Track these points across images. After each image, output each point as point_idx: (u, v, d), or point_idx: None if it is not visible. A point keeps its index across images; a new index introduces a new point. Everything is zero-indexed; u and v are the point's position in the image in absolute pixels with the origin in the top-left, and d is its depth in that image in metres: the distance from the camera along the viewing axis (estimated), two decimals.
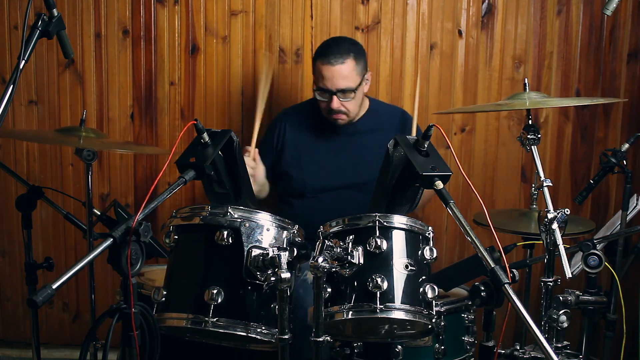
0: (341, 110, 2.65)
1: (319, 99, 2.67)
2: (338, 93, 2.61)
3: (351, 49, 2.64)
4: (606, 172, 2.48)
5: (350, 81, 2.61)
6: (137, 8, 3.16)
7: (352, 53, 2.63)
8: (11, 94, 1.54)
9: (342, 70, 2.60)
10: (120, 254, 1.49)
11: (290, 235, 1.87)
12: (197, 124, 1.82)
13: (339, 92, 2.61)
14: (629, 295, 2.65)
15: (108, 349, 1.52)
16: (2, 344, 3.42)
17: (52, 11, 1.62)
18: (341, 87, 2.60)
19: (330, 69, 2.60)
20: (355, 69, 2.62)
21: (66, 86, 3.22)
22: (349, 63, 2.61)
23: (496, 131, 3.19)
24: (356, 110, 2.71)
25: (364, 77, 2.69)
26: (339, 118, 2.69)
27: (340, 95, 2.62)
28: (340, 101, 2.63)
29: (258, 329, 1.81)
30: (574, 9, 3.11)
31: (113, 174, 3.28)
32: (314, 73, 2.70)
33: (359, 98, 2.69)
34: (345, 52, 2.61)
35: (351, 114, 2.69)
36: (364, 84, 2.71)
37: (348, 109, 2.66)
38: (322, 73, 2.61)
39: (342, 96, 2.62)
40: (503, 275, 1.56)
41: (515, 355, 1.98)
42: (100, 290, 3.09)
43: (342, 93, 2.62)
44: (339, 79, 2.60)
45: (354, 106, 2.68)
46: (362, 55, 2.68)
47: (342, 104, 2.64)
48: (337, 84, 2.60)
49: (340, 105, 2.64)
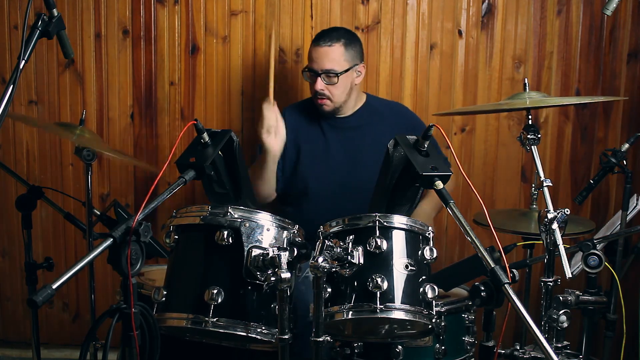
0: (324, 93, 2.68)
1: (307, 80, 2.73)
2: (322, 75, 2.65)
3: (343, 36, 2.68)
4: (606, 172, 2.48)
5: (335, 64, 2.64)
6: (137, 8, 3.16)
7: (343, 39, 2.67)
8: (11, 94, 1.54)
9: (328, 52, 2.64)
10: (120, 254, 1.49)
11: (290, 235, 1.87)
12: (197, 124, 1.82)
13: (324, 73, 2.65)
14: (629, 295, 2.65)
15: (108, 349, 1.52)
16: (2, 344, 3.42)
17: (52, 11, 1.63)
18: (326, 68, 2.64)
19: (317, 49, 2.66)
20: (343, 54, 2.65)
21: (66, 86, 3.22)
22: (337, 47, 2.65)
23: (496, 131, 3.19)
24: (341, 97, 2.71)
25: (355, 67, 2.70)
26: (323, 103, 2.71)
27: (324, 77, 2.65)
28: (325, 85, 2.66)
29: (258, 329, 1.81)
30: (574, 9, 3.11)
31: (113, 174, 3.28)
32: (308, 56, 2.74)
33: (345, 85, 2.69)
34: (336, 37, 2.67)
35: (335, 100, 2.70)
36: (354, 74, 2.71)
37: (332, 93, 2.68)
38: (311, 54, 2.68)
39: (327, 79, 2.65)
40: (503, 275, 1.56)
41: (515, 355, 1.98)
42: (100, 290, 3.10)
43: (326, 76, 2.65)
44: (324, 60, 2.64)
45: (338, 92, 2.69)
46: (354, 45, 2.70)
47: (326, 87, 2.66)
48: (321, 64, 2.64)
49: (324, 88, 2.66)
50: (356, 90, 2.78)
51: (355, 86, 2.75)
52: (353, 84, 2.73)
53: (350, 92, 2.73)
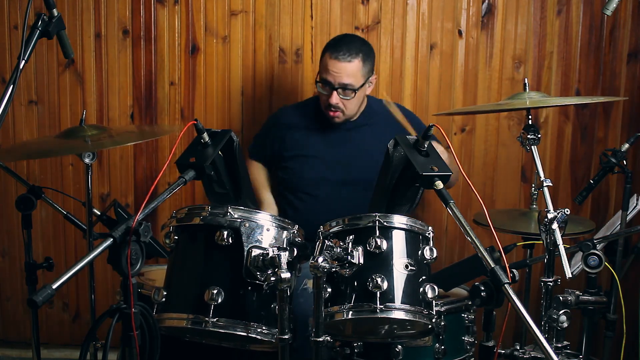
0: (339, 107, 2.65)
1: (320, 91, 2.68)
2: (339, 89, 2.61)
3: (362, 49, 2.64)
4: (606, 172, 2.48)
5: (353, 80, 2.61)
6: (137, 8, 3.16)
7: (362, 53, 2.63)
8: (11, 94, 1.54)
9: (347, 68, 2.60)
10: (120, 254, 1.49)
11: (290, 235, 1.87)
12: (197, 124, 1.82)
13: (340, 87, 2.61)
14: (629, 295, 2.65)
15: (108, 349, 1.52)
16: (2, 344, 3.42)
17: (52, 11, 1.63)
18: (344, 82, 2.61)
19: (336, 64, 2.60)
20: (361, 69, 2.63)
21: (66, 86, 3.22)
22: (356, 63, 2.61)
23: (496, 131, 3.19)
24: (354, 110, 2.71)
25: (369, 79, 2.69)
26: (335, 115, 2.69)
27: (340, 91, 2.62)
28: (340, 98, 2.63)
29: (258, 329, 1.81)
30: (574, 9, 3.11)
31: (113, 174, 3.28)
32: (320, 65, 2.70)
33: (359, 98, 2.69)
34: (355, 51, 2.62)
35: (347, 113, 2.69)
36: (367, 86, 2.70)
37: (346, 106, 2.66)
38: (328, 66, 2.61)
39: (343, 93, 2.62)
40: (503, 275, 1.56)
41: (515, 355, 1.98)
42: (100, 290, 3.10)
43: (342, 90, 2.62)
44: (342, 75, 2.60)
45: (352, 105, 2.68)
46: (370, 58, 2.68)
47: (340, 101, 2.64)
48: (339, 79, 2.60)
49: (339, 102, 2.64)
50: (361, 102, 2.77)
51: (364, 98, 2.76)
52: (364, 96, 2.74)
53: (362, 103, 2.75)
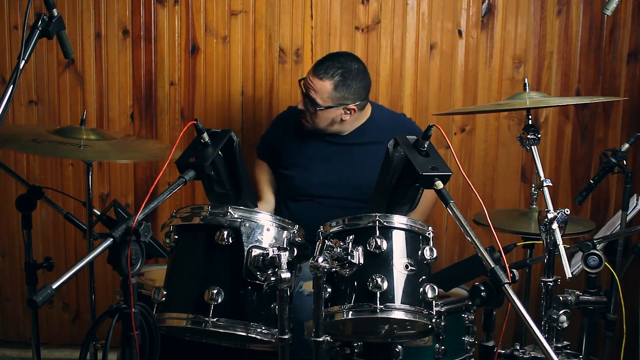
0: (305, 115, 2.65)
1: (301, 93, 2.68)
2: (306, 99, 2.61)
3: (341, 73, 2.55)
4: (606, 172, 2.47)
5: (318, 98, 2.57)
6: (137, 8, 3.16)
7: (338, 77, 2.55)
8: (11, 94, 1.54)
9: (316, 84, 2.56)
10: (120, 254, 1.49)
11: (290, 235, 1.87)
12: (197, 124, 1.82)
13: (307, 98, 2.60)
14: (629, 295, 2.65)
15: (108, 349, 1.52)
16: (2, 344, 3.42)
17: (52, 11, 1.63)
18: (309, 95, 2.58)
19: (311, 74, 2.59)
20: (329, 92, 2.55)
21: (66, 86, 3.22)
22: (326, 83, 2.55)
23: (496, 131, 3.19)
24: (320, 125, 2.65)
25: (342, 106, 2.59)
26: (302, 122, 2.69)
27: (307, 101, 2.61)
28: (305, 106, 2.62)
29: (258, 329, 1.81)
30: (574, 9, 3.11)
31: (113, 173, 3.28)
32: None
33: (325, 118, 2.62)
34: (332, 72, 2.55)
35: (312, 124, 2.66)
36: (340, 112, 2.61)
37: (311, 118, 2.64)
38: (308, 74, 2.62)
39: (309, 104, 2.60)
40: (503, 275, 1.56)
41: (515, 355, 1.98)
42: (100, 290, 3.10)
43: (309, 101, 2.60)
44: (309, 88, 2.58)
45: (317, 120, 2.63)
46: (349, 85, 2.56)
47: (306, 110, 2.63)
48: (307, 90, 2.59)
49: (304, 109, 2.63)
50: (349, 122, 2.67)
51: (344, 121, 2.65)
52: (337, 119, 2.64)
53: (333, 124, 2.65)
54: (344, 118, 2.64)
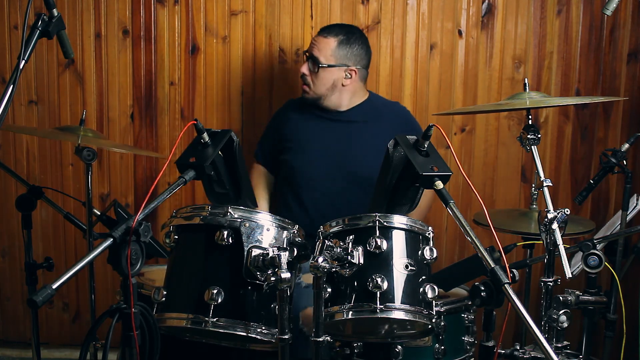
0: (306, 79, 2.74)
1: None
2: (309, 60, 2.73)
3: (346, 35, 2.72)
4: (606, 172, 2.47)
5: (321, 55, 2.69)
6: (137, 8, 3.16)
7: (341, 36, 2.70)
8: (11, 94, 1.54)
9: (320, 41, 2.71)
10: (120, 254, 1.49)
11: (290, 235, 1.87)
12: (197, 124, 1.82)
13: (310, 59, 2.72)
14: (629, 295, 2.65)
15: (108, 349, 1.52)
16: (2, 344, 3.42)
17: (52, 11, 1.62)
18: (313, 54, 2.71)
19: (316, 36, 2.76)
20: (333, 49, 2.69)
21: (66, 86, 3.22)
22: (330, 41, 2.70)
23: (496, 131, 3.19)
24: (320, 89, 2.73)
25: (343, 66, 2.70)
26: (304, 89, 2.77)
27: (310, 62, 2.72)
28: (308, 70, 2.72)
29: (258, 329, 1.81)
30: (574, 9, 3.11)
31: (113, 174, 3.28)
32: None
33: (326, 79, 2.71)
34: (336, 32, 2.72)
35: (313, 89, 2.73)
36: (341, 74, 2.71)
37: (312, 81, 2.73)
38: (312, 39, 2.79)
39: (311, 65, 2.72)
40: (503, 275, 1.56)
41: (515, 355, 1.98)
42: (100, 290, 3.10)
43: (311, 62, 2.71)
44: (314, 47, 2.72)
45: (318, 82, 2.72)
46: (351, 46, 2.71)
47: (308, 73, 2.73)
48: (311, 49, 2.73)
49: (307, 73, 2.73)
50: (348, 91, 2.74)
51: (344, 87, 2.73)
52: (338, 83, 2.72)
53: (333, 89, 2.73)
54: (344, 83, 2.73)
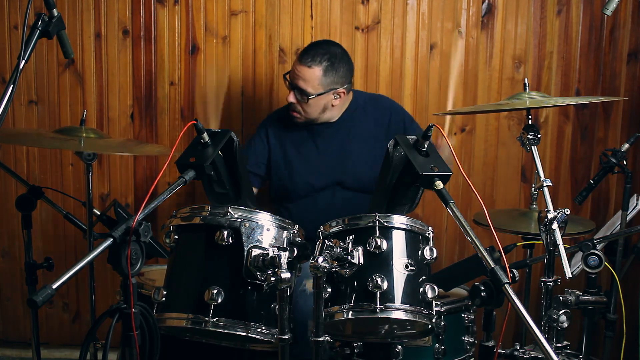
0: (296, 107, 2.66)
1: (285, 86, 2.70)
2: (295, 90, 2.63)
3: (328, 58, 2.59)
4: (606, 172, 2.48)
5: (309, 86, 2.59)
6: (137, 8, 3.16)
7: (325, 62, 2.58)
8: (11, 94, 1.54)
9: (304, 73, 2.59)
10: (120, 254, 1.49)
11: (290, 235, 1.87)
12: (197, 124, 1.82)
13: (295, 89, 2.62)
14: (629, 295, 2.65)
15: (108, 349, 1.52)
16: (2, 344, 3.42)
17: (52, 11, 1.63)
18: (298, 86, 2.60)
19: (297, 65, 2.62)
20: (319, 78, 2.58)
21: (66, 86, 3.22)
22: (315, 70, 2.58)
23: (496, 131, 3.19)
24: (313, 114, 2.67)
25: (332, 91, 2.62)
26: (294, 115, 2.69)
27: (296, 93, 2.63)
28: (296, 99, 2.64)
29: (258, 329, 1.81)
30: (574, 9, 3.11)
31: (113, 174, 3.28)
32: None
33: (318, 105, 2.64)
34: (319, 58, 2.58)
35: (306, 116, 2.67)
36: (331, 97, 2.64)
37: (304, 109, 2.65)
38: (293, 65, 2.65)
39: (299, 95, 2.62)
40: (503, 275, 1.56)
41: (515, 355, 1.98)
42: (100, 290, 3.10)
43: (298, 93, 2.62)
44: (298, 79, 2.60)
45: (310, 110, 2.65)
46: (337, 69, 2.61)
47: (297, 102, 2.64)
48: (297, 80, 2.61)
49: (296, 102, 2.64)
50: (338, 107, 2.71)
51: (334, 107, 2.69)
52: (329, 105, 2.67)
53: (324, 110, 2.68)
54: (334, 103, 2.67)
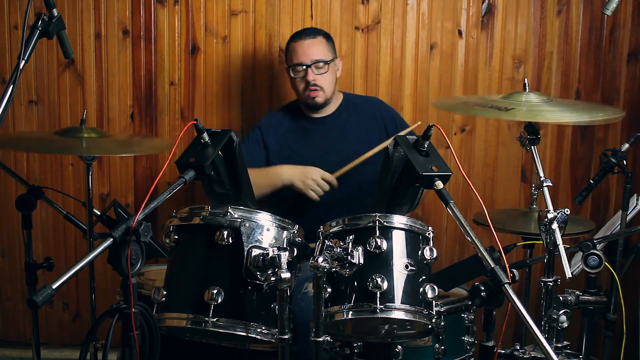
0: (317, 84, 2.72)
1: (294, 76, 2.74)
2: (312, 66, 2.70)
3: (321, 32, 2.81)
4: (606, 172, 2.48)
5: (322, 54, 2.72)
6: (137, 8, 3.16)
7: (322, 34, 2.79)
8: (11, 94, 1.54)
9: (314, 44, 2.73)
10: (120, 254, 1.49)
11: (290, 235, 1.87)
12: (197, 124, 1.82)
13: (313, 64, 2.70)
14: (629, 295, 2.65)
15: (108, 349, 1.52)
16: (2, 344, 3.42)
17: (52, 11, 1.63)
18: (315, 58, 2.70)
19: (303, 43, 2.73)
20: (325, 44, 2.76)
21: (66, 86, 3.22)
22: (320, 39, 2.76)
23: (496, 131, 3.19)
24: (331, 88, 2.76)
25: (336, 58, 2.80)
26: (316, 95, 2.74)
27: (314, 68, 2.71)
28: (316, 75, 2.71)
29: (258, 329, 1.81)
30: (574, 9, 3.11)
31: (113, 174, 3.27)
32: (288, 54, 2.79)
33: (332, 75, 2.77)
34: (313, 31, 2.80)
35: (325, 90, 2.74)
36: (335, 66, 2.79)
37: (323, 84, 2.73)
38: (296, 49, 2.74)
39: (317, 70, 2.71)
40: (503, 275, 1.56)
41: (515, 355, 1.98)
42: (100, 290, 3.09)
43: (316, 66, 2.71)
44: (312, 51, 2.71)
45: (327, 81, 2.74)
46: (331, 41, 2.81)
47: (317, 78, 2.71)
48: (310, 55, 2.70)
49: (316, 79, 2.71)
50: (336, 90, 2.84)
51: (336, 80, 2.82)
52: (335, 78, 2.80)
53: (334, 85, 2.80)
54: (337, 74, 2.82)
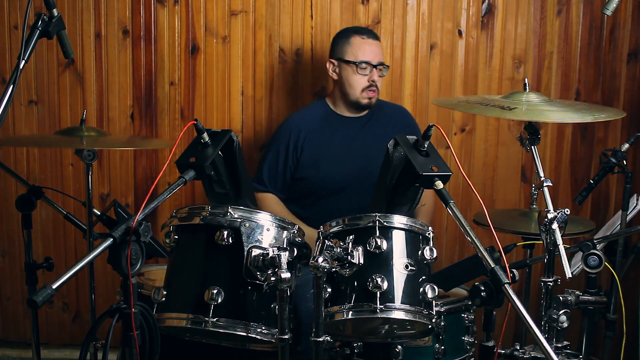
0: (377, 85, 2.76)
1: (360, 74, 2.73)
2: (378, 66, 2.74)
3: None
4: (606, 172, 2.48)
5: (383, 58, 2.82)
6: (137, 8, 3.16)
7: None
8: (11, 94, 1.54)
9: (379, 46, 2.80)
10: (120, 254, 1.49)
11: (290, 235, 1.87)
12: (197, 124, 1.82)
13: (380, 65, 2.75)
14: (629, 295, 2.65)
15: (108, 349, 1.52)
16: (2, 344, 3.42)
17: (52, 11, 1.63)
18: (382, 60, 2.76)
19: (372, 43, 2.76)
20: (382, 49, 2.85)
21: (66, 86, 3.22)
22: (380, 43, 2.83)
23: (496, 131, 3.19)
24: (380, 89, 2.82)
25: None
26: (374, 96, 2.78)
27: (379, 70, 2.74)
28: (377, 76, 2.75)
29: (258, 329, 1.81)
30: (574, 9, 3.11)
31: (113, 174, 3.27)
32: (349, 47, 2.75)
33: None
34: (375, 34, 2.84)
35: (378, 92, 2.80)
36: None
37: (380, 86, 2.79)
38: (364, 47, 2.74)
39: (379, 72, 2.75)
40: (503, 275, 1.56)
41: (515, 355, 1.98)
42: (100, 290, 3.10)
43: (380, 69, 2.75)
44: (379, 53, 2.76)
45: (381, 85, 2.80)
46: None
47: (378, 80, 2.76)
48: (378, 57, 2.75)
49: (377, 80, 2.75)
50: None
51: None
52: None
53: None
54: None
